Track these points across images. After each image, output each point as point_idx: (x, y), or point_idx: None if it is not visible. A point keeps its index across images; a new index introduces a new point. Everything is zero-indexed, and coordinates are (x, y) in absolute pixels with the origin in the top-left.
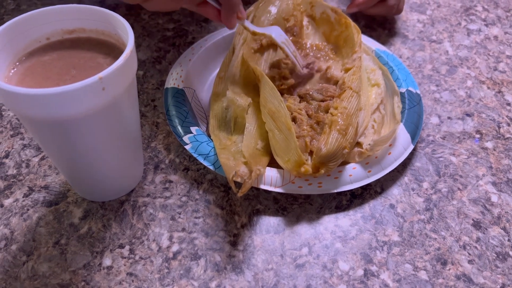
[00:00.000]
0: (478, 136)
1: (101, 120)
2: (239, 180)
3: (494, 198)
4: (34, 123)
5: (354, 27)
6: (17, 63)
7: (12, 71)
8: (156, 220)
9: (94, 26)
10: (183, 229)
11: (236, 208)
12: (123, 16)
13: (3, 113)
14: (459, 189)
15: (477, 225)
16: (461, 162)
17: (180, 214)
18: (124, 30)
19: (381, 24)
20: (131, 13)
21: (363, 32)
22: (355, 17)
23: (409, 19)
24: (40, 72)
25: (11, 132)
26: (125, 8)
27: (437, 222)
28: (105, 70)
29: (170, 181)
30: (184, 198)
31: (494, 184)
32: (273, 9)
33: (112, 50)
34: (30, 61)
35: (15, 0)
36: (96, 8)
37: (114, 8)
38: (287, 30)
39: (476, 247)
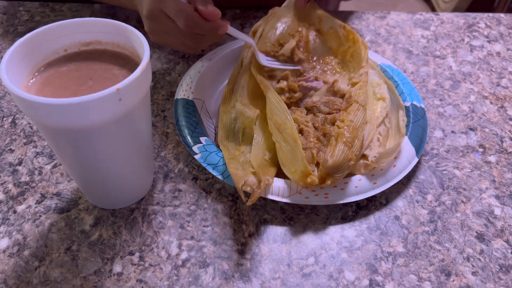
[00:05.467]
0: (481, 150)
1: (116, 130)
2: (248, 189)
3: (497, 211)
4: (51, 131)
5: (361, 43)
6: (36, 73)
7: (31, 81)
8: (165, 228)
9: (110, 39)
10: (192, 237)
11: (244, 218)
12: (135, 28)
13: (16, 121)
14: (462, 201)
15: (480, 237)
16: (464, 175)
17: (189, 222)
18: (140, 43)
19: (386, 39)
20: (142, 25)
21: (368, 47)
22: (360, 32)
23: (413, 34)
24: (58, 82)
25: (24, 140)
26: (136, 20)
27: (441, 234)
28: (122, 82)
29: (179, 190)
30: (193, 207)
31: (497, 197)
32: (280, 25)
33: (127, 62)
34: (49, 72)
35: (29, 11)
36: (113, 21)
37: (124, 20)
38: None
39: (479, 259)
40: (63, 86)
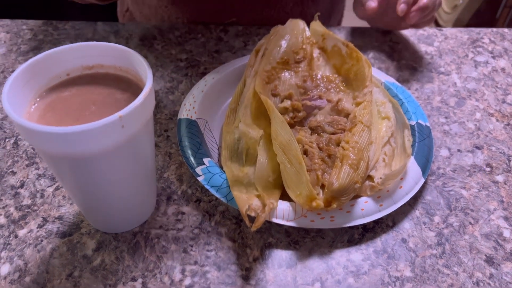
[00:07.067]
0: (488, 169)
1: (119, 156)
2: (252, 214)
3: (506, 233)
4: (52, 157)
5: (365, 61)
6: (38, 99)
7: (33, 106)
8: (168, 252)
9: (112, 62)
10: (195, 262)
11: (248, 241)
12: (137, 47)
13: (19, 142)
14: (470, 223)
15: (489, 260)
16: (472, 196)
17: (192, 246)
18: (142, 67)
19: (389, 56)
20: (145, 44)
21: (372, 64)
22: (363, 49)
23: (417, 50)
24: (61, 108)
25: (27, 162)
26: (138, 38)
27: (449, 257)
28: (125, 109)
29: (183, 213)
30: (196, 230)
31: (505, 218)
32: (283, 43)
33: (130, 86)
34: (51, 97)
35: (32, 30)
36: (116, 45)
37: (127, 38)
38: (296, 62)
39: (489, 284)
40: (66, 112)
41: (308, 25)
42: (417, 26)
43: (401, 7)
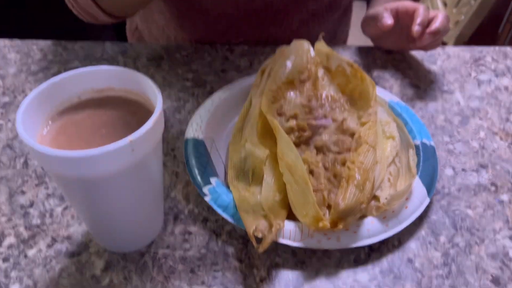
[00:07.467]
0: (493, 188)
1: (129, 178)
2: (259, 235)
3: None
4: (63, 179)
5: (369, 81)
6: (50, 122)
7: (45, 130)
8: (176, 272)
9: (123, 85)
10: (203, 282)
11: (255, 261)
12: (144, 67)
13: (28, 162)
14: (476, 243)
15: (496, 281)
16: (477, 215)
17: (199, 266)
18: (152, 91)
19: (393, 75)
20: (152, 64)
21: (376, 82)
22: (367, 67)
23: (420, 69)
24: (72, 131)
25: (36, 182)
26: (146, 58)
27: (456, 278)
28: (135, 133)
29: (190, 232)
30: (203, 250)
31: (511, 238)
32: (288, 63)
33: (139, 109)
34: (62, 120)
35: (42, 50)
36: (127, 70)
37: (135, 58)
38: (301, 82)
39: None
40: (77, 135)
41: (313, 44)
42: (424, 49)
43: (416, 28)
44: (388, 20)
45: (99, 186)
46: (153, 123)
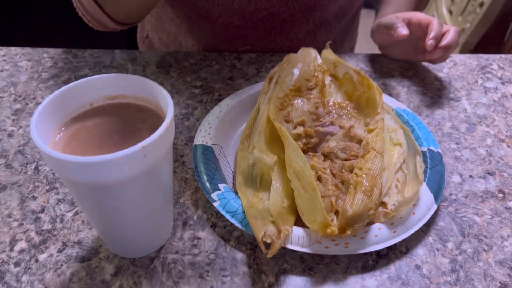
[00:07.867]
0: (500, 195)
1: (140, 184)
2: (268, 241)
3: None
4: (75, 184)
5: (376, 88)
6: (63, 128)
7: (58, 136)
8: (185, 278)
9: (134, 93)
10: None
11: (263, 267)
12: (153, 74)
13: (39, 167)
14: (484, 250)
15: None
16: (485, 222)
17: (208, 272)
18: (163, 98)
19: (400, 82)
20: (161, 71)
21: (383, 90)
22: (374, 75)
23: (427, 77)
24: (85, 137)
25: (47, 187)
26: (155, 66)
27: (464, 285)
28: (147, 139)
29: (198, 238)
30: (212, 256)
31: None
32: (296, 71)
33: (150, 116)
34: (75, 126)
35: (52, 58)
36: (138, 77)
37: (144, 66)
38: (308, 89)
39: None
40: (89, 141)
41: (320, 53)
42: (433, 62)
43: (430, 42)
44: (403, 30)
45: (111, 192)
46: (165, 129)
